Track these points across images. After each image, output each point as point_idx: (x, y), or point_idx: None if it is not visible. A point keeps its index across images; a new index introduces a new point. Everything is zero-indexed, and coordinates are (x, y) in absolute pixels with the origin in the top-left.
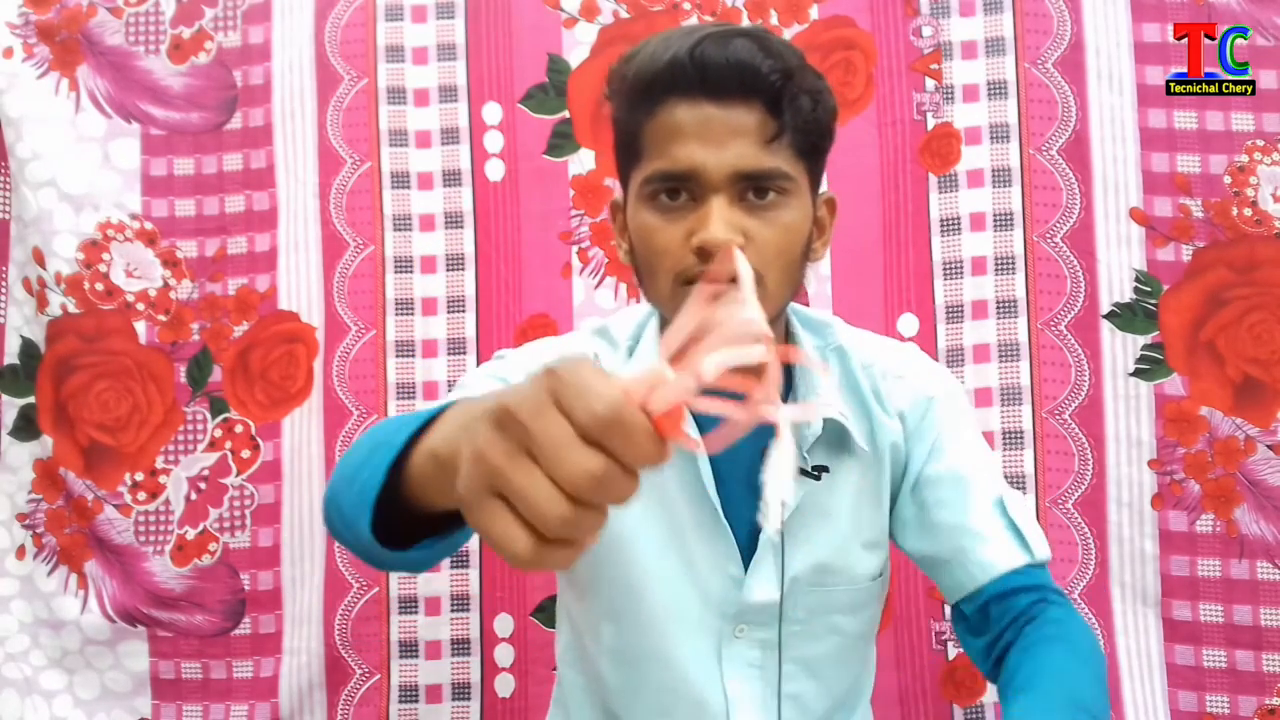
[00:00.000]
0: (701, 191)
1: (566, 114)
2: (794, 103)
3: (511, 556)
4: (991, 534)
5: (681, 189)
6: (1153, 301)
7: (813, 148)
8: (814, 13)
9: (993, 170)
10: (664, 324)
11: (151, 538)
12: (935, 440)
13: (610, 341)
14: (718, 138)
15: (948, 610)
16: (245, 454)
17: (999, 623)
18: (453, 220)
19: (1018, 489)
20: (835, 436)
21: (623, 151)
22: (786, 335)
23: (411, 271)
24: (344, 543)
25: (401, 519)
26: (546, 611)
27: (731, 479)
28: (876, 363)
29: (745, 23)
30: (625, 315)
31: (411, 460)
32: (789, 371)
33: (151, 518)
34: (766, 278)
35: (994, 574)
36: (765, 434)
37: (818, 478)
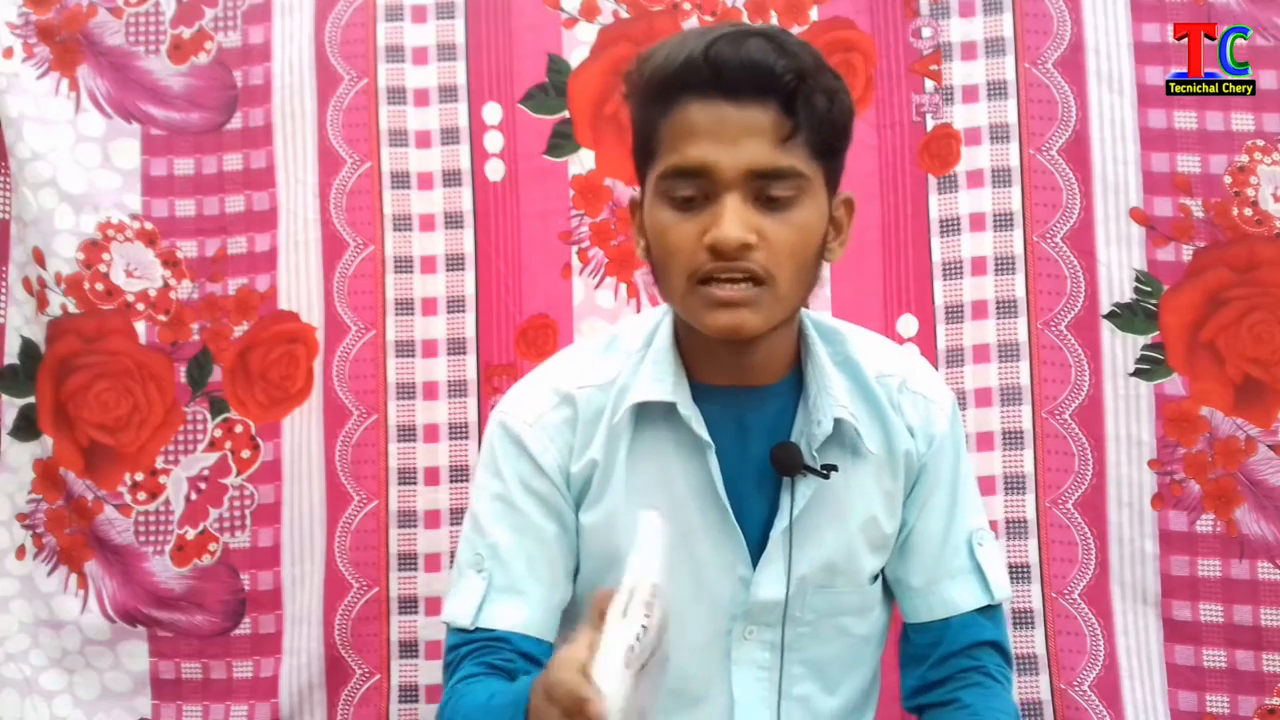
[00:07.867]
0: (715, 190)
1: (566, 114)
2: (809, 102)
3: None
4: (959, 572)
5: (695, 187)
6: (1153, 302)
7: (828, 147)
8: (814, 14)
9: (992, 171)
10: (678, 324)
11: (151, 538)
12: (936, 474)
13: (620, 352)
14: (731, 136)
15: None
16: (245, 454)
17: (936, 667)
18: (453, 220)
19: (1017, 489)
20: (846, 438)
21: (639, 151)
22: (801, 340)
23: (411, 271)
24: None
25: None
26: None
27: (741, 480)
28: (893, 373)
29: (746, 23)
30: (636, 322)
31: None
32: (800, 375)
33: (151, 518)
34: (778, 278)
35: (954, 611)
36: (776, 433)
37: (826, 476)
